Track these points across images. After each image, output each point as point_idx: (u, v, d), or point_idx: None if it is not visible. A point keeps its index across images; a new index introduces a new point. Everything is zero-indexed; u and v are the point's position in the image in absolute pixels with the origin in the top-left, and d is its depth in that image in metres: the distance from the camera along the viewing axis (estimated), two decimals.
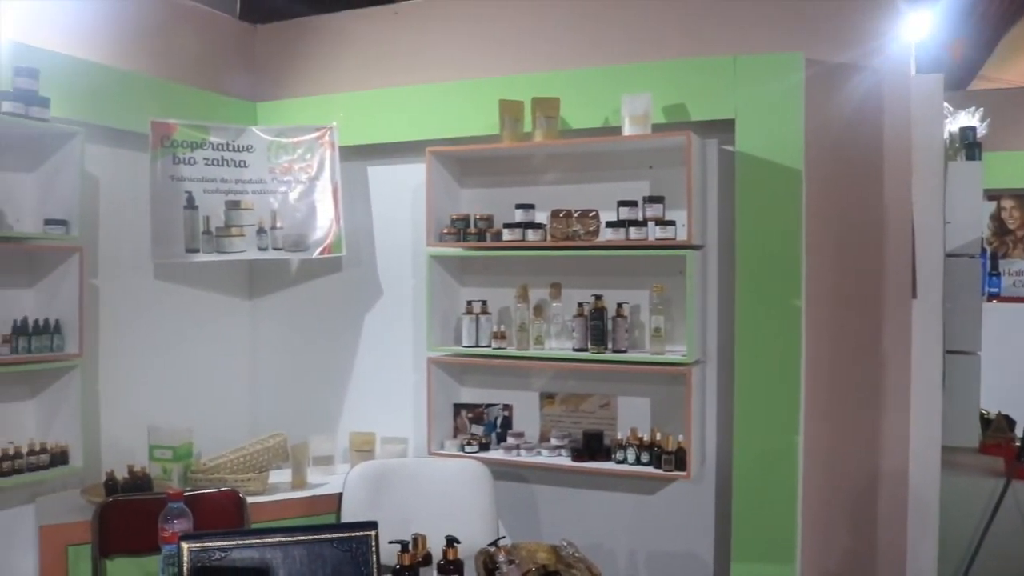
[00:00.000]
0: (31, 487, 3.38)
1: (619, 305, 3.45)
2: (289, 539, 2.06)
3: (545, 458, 3.57)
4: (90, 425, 3.51)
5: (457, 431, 3.84)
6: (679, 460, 3.31)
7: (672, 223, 3.31)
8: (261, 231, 3.90)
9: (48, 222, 3.31)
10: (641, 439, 3.44)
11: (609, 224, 3.42)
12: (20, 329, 3.25)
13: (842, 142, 3.36)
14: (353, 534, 2.10)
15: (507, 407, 3.82)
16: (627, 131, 3.35)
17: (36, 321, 3.30)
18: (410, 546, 2.20)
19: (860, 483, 3.36)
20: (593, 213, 3.47)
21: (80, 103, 3.46)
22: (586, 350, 3.46)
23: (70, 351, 3.35)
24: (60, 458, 3.35)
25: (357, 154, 4.07)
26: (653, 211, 3.37)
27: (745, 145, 3.29)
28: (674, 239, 3.30)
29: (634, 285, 3.56)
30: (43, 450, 3.31)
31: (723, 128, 3.38)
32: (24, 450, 3.26)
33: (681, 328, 3.42)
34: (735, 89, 3.31)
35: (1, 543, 3.35)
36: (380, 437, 3.87)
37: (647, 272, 3.51)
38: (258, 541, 2.05)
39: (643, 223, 3.36)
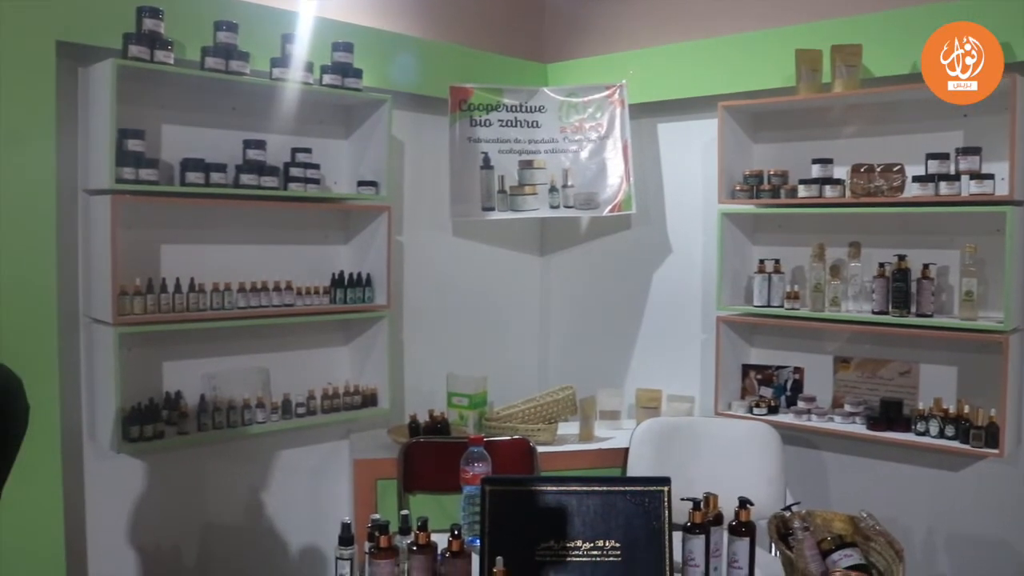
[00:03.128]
0: (345, 425, 3.76)
1: (925, 266, 3.22)
2: (584, 488, 2.13)
3: (838, 424, 3.43)
4: (395, 371, 3.83)
5: (745, 392, 3.78)
6: (990, 436, 3.05)
7: (990, 177, 3.03)
8: (553, 190, 4.02)
9: (360, 183, 3.62)
10: (946, 411, 3.21)
11: (916, 179, 3.19)
12: (338, 282, 3.59)
13: None
14: (646, 488, 2.14)
15: (798, 370, 3.69)
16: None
17: (351, 275, 3.63)
18: (702, 504, 2.21)
19: None
20: (898, 167, 3.25)
21: (387, 72, 3.74)
22: (887, 313, 3.27)
23: (379, 302, 3.66)
24: (370, 400, 3.69)
25: (647, 111, 4.07)
26: (968, 164, 3.10)
27: None
28: (992, 194, 3.02)
29: (942, 245, 3.30)
30: (356, 392, 3.66)
31: None
32: (340, 391, 3.62)
33: (996, 292, 3.13)
34: None
35: (323, 471, 3.75)
36: (666, 394, 3.89)
37: (958, 231, 3.24)
38: (554, 488, 2.15)
39: (955, 177, 3.10)
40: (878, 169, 3.27)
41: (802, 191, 3.42)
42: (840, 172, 3.40)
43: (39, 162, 2.84)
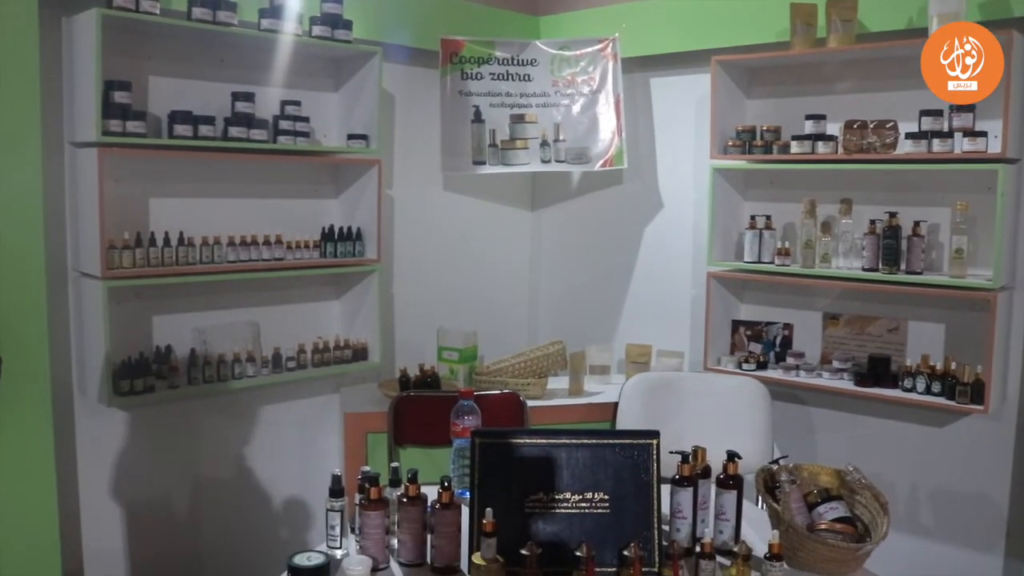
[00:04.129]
0: (336, 378, 3.77)
1: (915, 223, 3.22)
2: (574, 441, 2.15)
3: (826, 380, 3.46)
4: (386, 325, 3.83)
5: (734, 348, 3.80)
6: (976, 393, 3.08)
7: (983, 134, 3.02)
8: (544, 144, 4.00)
9: (351, 137, 3.59)
10: (933, 367, 3.23)
11: (909, 136, 3.18)
12: (328, 236, 3.58)
13: None
14: (635, 441, 2.15)
15: (787, 326, 3.71)
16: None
17: (341, 228, 3.61)
18: (690, 457, 2.23)
19: None
20: (891, 124, 3.23)
21: (377, 24, 3.69)
22: (877, 270, 3.28)
23: (369, 256, 3.65)
24: (361, 354, 3.70)
25: (640, 65, 4.04)
26: (961, 121, 3.08)
27: None
28: (985, 152, 3.01)
29: (933, 202, 3.29)
30: (347, 346, 3.67)
31: None
32: (331, 345, 3.63)
33: (986, 250, 3.14)
34: None
35: (313, 424, 3.77)
36: (656, 350, 3.90)
37: (950, 188, 3.24)
38: (544, 441, 2.16)
39: (948, 134, 3.09)
40: (871, 125, 3.25)
41: (795, 147, 3.41)
42: (833, 128, 3.39)
43: (23, 113, 2.78)
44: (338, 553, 2.19)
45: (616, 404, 3.49)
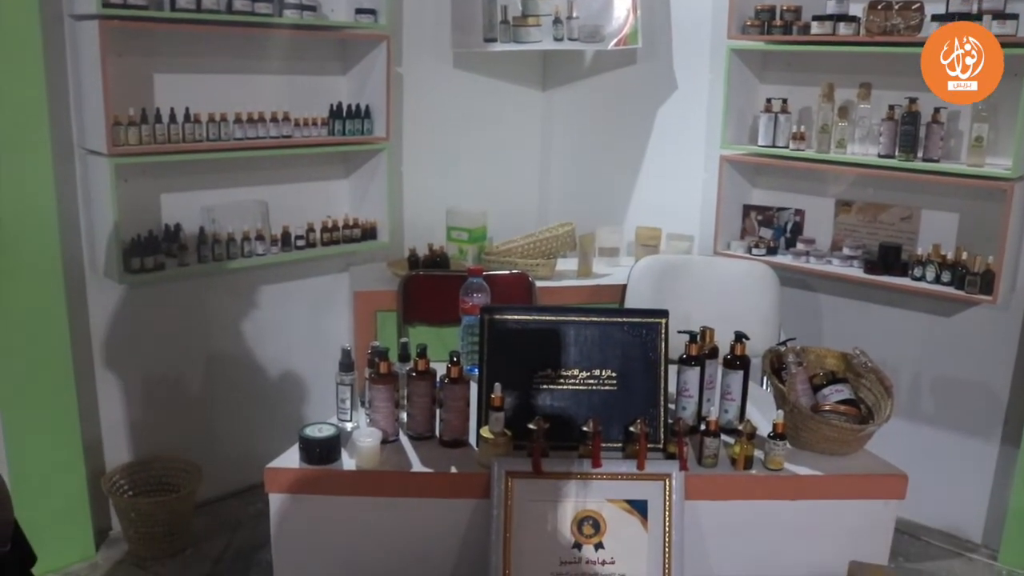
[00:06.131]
0: (345, 257, 3.77)
1: (936, 110, 3.15)
2: (583, 319, 2.16)
3: (836, 267, 3.45)
4: (395, 204, 3.80)
5: (745, 233, 3.78)
6: (985, 283, 3.07)
7: (1014, 16, 2.92)
8: (557, 21, 3.89)
9: (359, 11, 3.49)
10: (944, 257, 3.22)
11: (935, 18, 3.08)
12: (336, 113, 3.53)
13: None
14: (644, 320, 2.16)
15: (799, 212, 3.68)
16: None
17: (349, 106, 3.55)
18: (698, 337, 2.24)
19: None
20: (916, 5, 3.12)
21: None
22: (893, 157, 3.22)
23: (378, 135, 3.60)
24: (370, 233, 3.69)
25: None
26: (991, 2, 2.98)
27: None
28: (1014, 35, 2.92)
29: None
30: (355, 225, 3.66)
31: None
32: (340, 224, 3.62)
33: (1007, 139, 3.07)
34: None
35: (323, 303, 3.80)
36: (666, 233, 3.88)
37: None
38: (552, 318, 2.17)
39: (977, 16, 2.99)
40: (896, 6, 3.14)
41: (815, 28, 3.31)
42: (856, 9, 3.28)
43: None
44: (348, 426, 2.24)
45: (624, 286, 3.50)
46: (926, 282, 3.23)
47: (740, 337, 2.24)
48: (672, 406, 2.24)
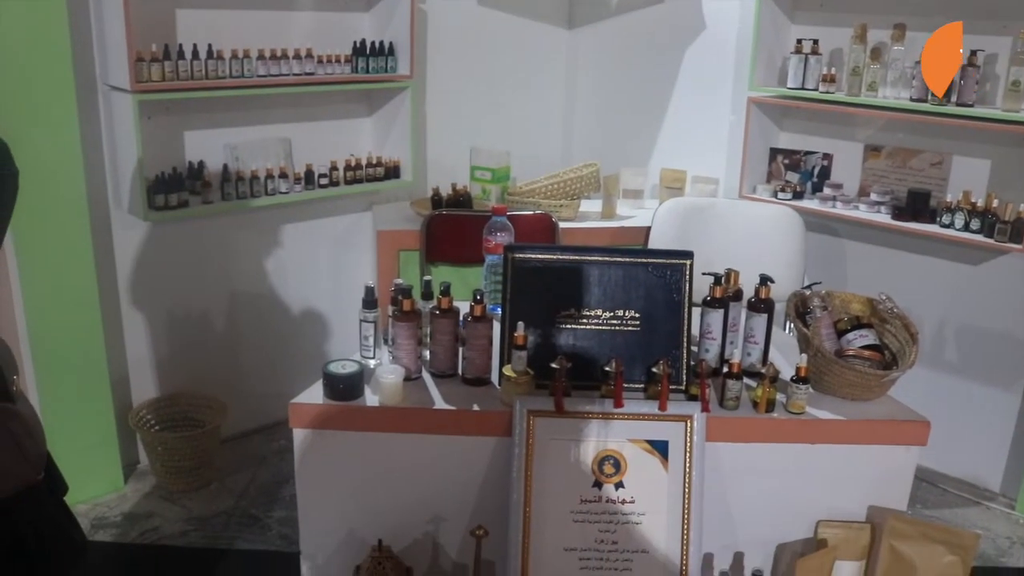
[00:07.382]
0: (368, 196, 3.77)
1: (972, 52, 3.07)
2: (607, 259, 2.14)
3: (863, 213, 3.41)
4: (418, 143, 3.78)
5: (771, 176, 3.73)
6: (1015, 231, 3.03)
7: None
8: None
9: None
10: (974, 204, 3.16)
11: None
12: (359, 50, 3.49)
13: None
14: (668, 261, 2.14)
15: (827, 156, 3.63)
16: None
17: (372, 43, 3.51)
18: (723, 279, 2.23)
19: None
20: None
21: None
22: (925, 101, 3.16)
23: (402, 72, 3.56)
24: (393, 172, 3.68)
25: None
26: None
27: None
28: None
29: (994, 31, 3.12)
30: (379, 163, 3.64)
31: None
32: (363, 162, 3.60)
33: None
34: None
35: (346, 242, 3.81)
36: (691, 175, 3.85)
37: (1015, 15, 3.06)
38: (576, 257, 2.16)
39: None
40: None
41: None
42: None
43: None
44: (371, 363, 2.25)
45: (648, 228, 3.47)
46: (954, 229, 3.19)
47: (765, 280, 2.22)
48: (695, 348, 2.23)
